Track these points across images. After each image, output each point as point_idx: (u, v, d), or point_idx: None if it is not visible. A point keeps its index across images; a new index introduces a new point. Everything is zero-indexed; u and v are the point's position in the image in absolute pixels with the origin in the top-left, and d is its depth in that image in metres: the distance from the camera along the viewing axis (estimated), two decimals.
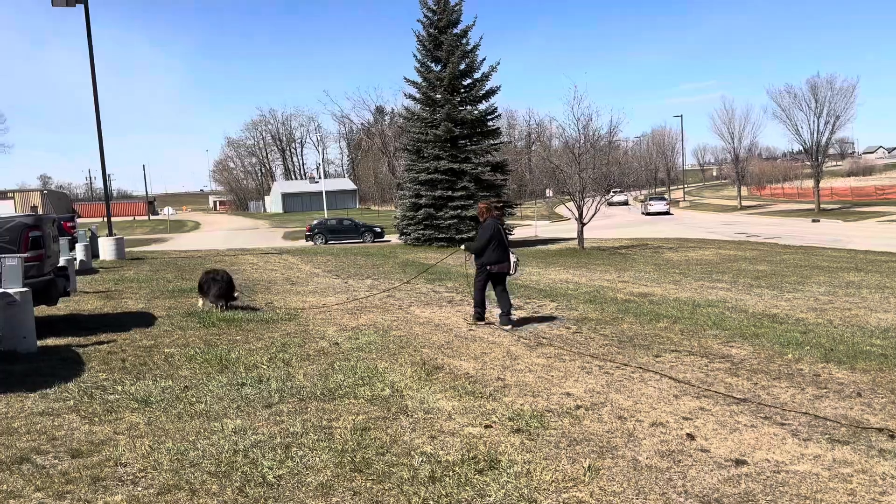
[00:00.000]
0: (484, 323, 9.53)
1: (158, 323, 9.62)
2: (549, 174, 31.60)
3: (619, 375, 6.60)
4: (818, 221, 44.01)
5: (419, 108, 29.96)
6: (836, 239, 29.96)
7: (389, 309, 10.93)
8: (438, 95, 28.87)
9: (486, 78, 28.95)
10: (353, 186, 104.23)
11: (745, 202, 69.88)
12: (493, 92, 29.18)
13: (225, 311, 10.35)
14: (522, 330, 9.07)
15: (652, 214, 58.79)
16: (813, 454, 4.51)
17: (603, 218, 35.20)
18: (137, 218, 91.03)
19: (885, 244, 25.89)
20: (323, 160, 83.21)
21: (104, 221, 25.22)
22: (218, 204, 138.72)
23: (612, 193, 30.60)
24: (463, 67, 28.79)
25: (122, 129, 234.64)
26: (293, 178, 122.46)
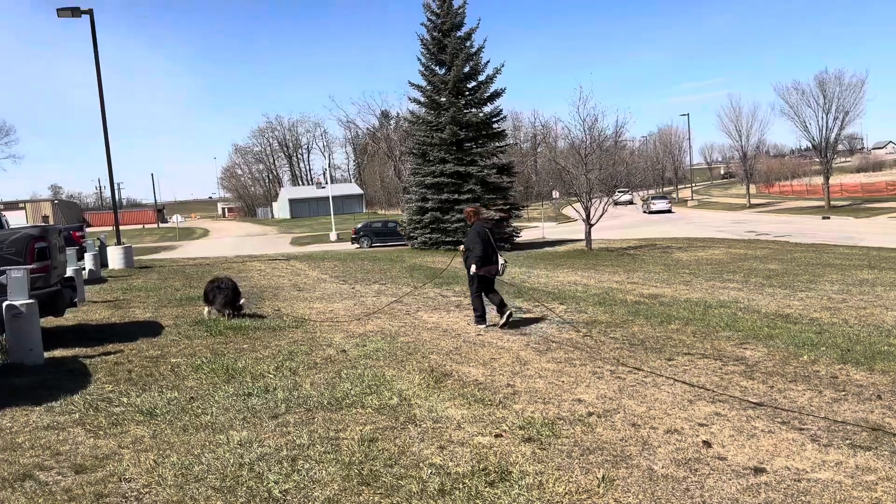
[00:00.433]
0: (487, 325, 9.55)
1: (166, 332, 9.56)
2: (555, 175, 31.50)
3: (631, 380, 6.48)
4: (828, 218, 43.68)
5: (424, 111, 29.92)
6: (847, 236, 29.71)
7: (397, 314, 10.84)
8: (443, 99, 28.80)
9: (490, 80, 28.87)
10: (359, 191, 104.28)
11: (753, 200, 69.49)
12: (497, 94, 29.10)
13: (232, 318, 10.30)
14: (532, 334, 8.96)
15: (654, 213, 60.56)
16: (834, 461, 4.38)
17: (610, 219, 35.03)
18: (147, 226, 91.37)
19: None
20: (329, 165, 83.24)
21: (114, 230, 25.23)
22: (226, 211, 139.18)
23: (618, 194, 30.45)
24: (467, 70, 28.72)
25: (131, 137, 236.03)
26: (300, 183, 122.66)
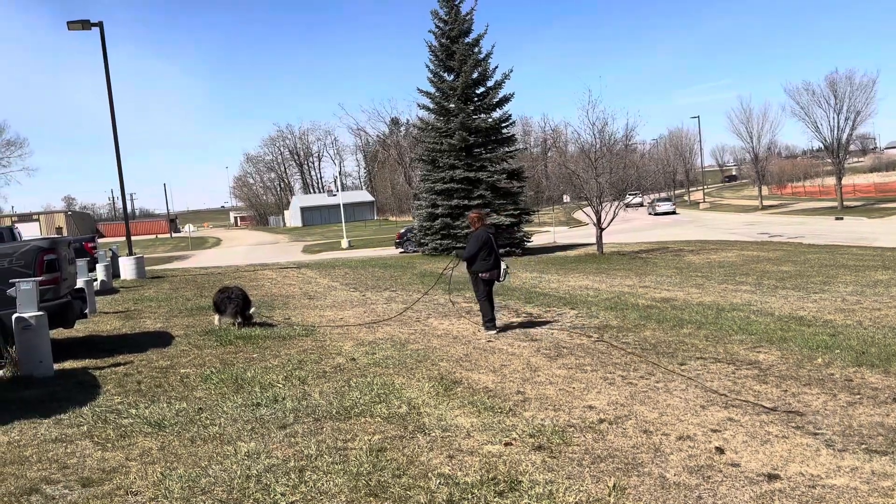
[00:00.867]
0: (498, 330, 9.58)
1: (176, 342, 9.57)
2: (565, 180, 31.37)
3: (643, 386, 6.41)
4: (842, 219, 43.28)
5: (433, 118, 29.90)
6: (861, 237, 29.42)
7: (407, 321, 10.80)
8: (452, 105, 28.79)
9: (499, 86, 28.82)
10: (370, 198, 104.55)
11: (766, 202, 68.99)
12: (506, 99, 29.05)
13: (242, 328, 10.32)
14: (542, 340, 8.89)
15: (659, 214, 62.64)
16: (849, 466, 4.30)
17: (621, 222, 34.86)
18: (160, 236, 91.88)
19: None
20: (340, 173, 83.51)
21: (125, 241, 25.37)
22: (238, 220, 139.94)
23: (629, 197, 30.30)
24: (476, 76, 28.70)
25: (143, 148, 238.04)
26: (311, 191, 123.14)
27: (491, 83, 28.98)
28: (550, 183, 54.78)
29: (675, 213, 65.42)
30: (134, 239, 31.16)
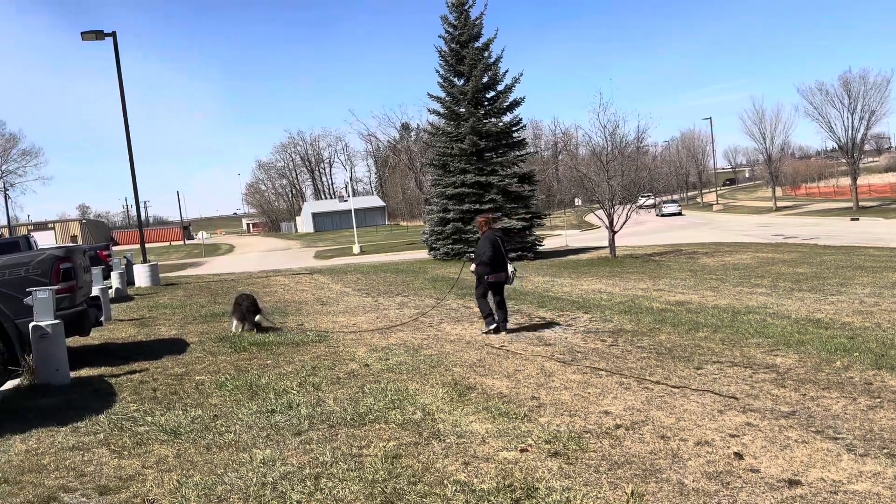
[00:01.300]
0: (494, 329, 9.81)
1: (190, 349, 9.61)
2: (577, 183, 31.30)
3: (659, 391, 6.36)
4: (857, 220, 42.92)
5: (443, 122, 29.89)
6: (877, 237, 29.14)
7: (420, 327, 10.79)
8: (462, 109, 28.78)
9: (509, 90, 28.78)
10: (381, 203, 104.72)
11: (780, 203, 68.58)
12: (517, 103, 29.00)
13: (253, 332, 10.55)
14: (556, 344, 8.85)
15: (665, 215, 65.27)
16: (871, 471, 4.24)
17: (634, 225, 34.71)
18: (173, 243, 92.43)
19: None
20: (351, 179, 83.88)
21: (140, 248, 25.53)
22: (251, 226, 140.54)
23: (642, 199, 30.20)
24: (486, 80, 28.67)
25: (156, 156, 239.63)
26: (323, 197, 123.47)
27: (501, 87, 28.96)
28: (562, 186, 54.71)
29: (680, 213, 68.06)
30: (148, 246, 31.38)
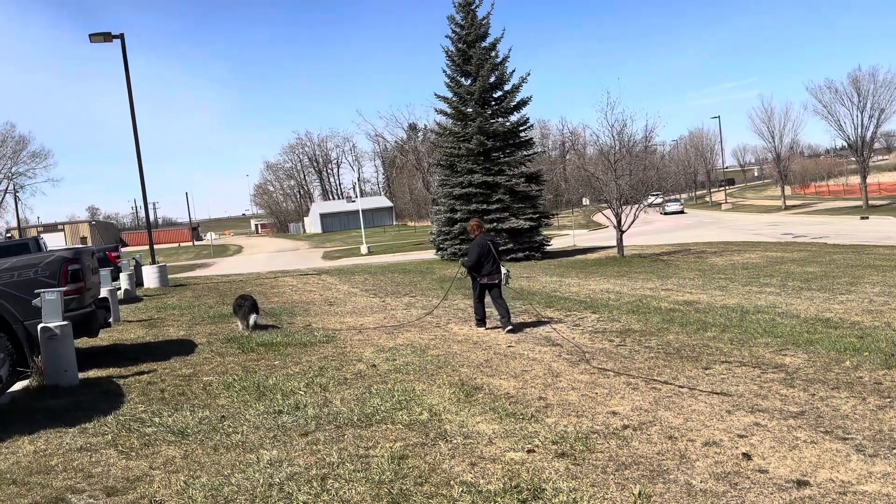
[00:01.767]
0: (485, 328, 10.33)
1: (198, 350, 9.63)
2: (584, 182, 31.23)
3: (667, 391, 6.33)
4: (867, 218, 42.67)
5: (450, 122, 29.89)
6: (887, 236, 28.95)
7: (427, 327, 10.79)
8: (469, 109, 28.77)
9: (516, 89, 28.76)
10: (389, 204, 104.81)
11: (789, 202, 68.26)
12: (524, 103, 28.97)
13: (254, 330, 11.02)
14: (564, 345, 8.83)
15: (669, 214, 68.10)
16: (881, 472, 4.20)
17: (642, 224, 34.63)
18: (182, 244, 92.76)
19: None
20: (359, 179, 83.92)
21: (149, 250, 25.64)
22: (259, 227, 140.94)
23: (651, 198, 30.13)
24: (493, 80, 28.65)
25: (164, 157, 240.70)
26: (331, 198, 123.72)
27: (508, 87, 28.94)
28: (569, 186, 54.63)
29: (682, 212, 71.16)
30: (157, 247, 31.50)
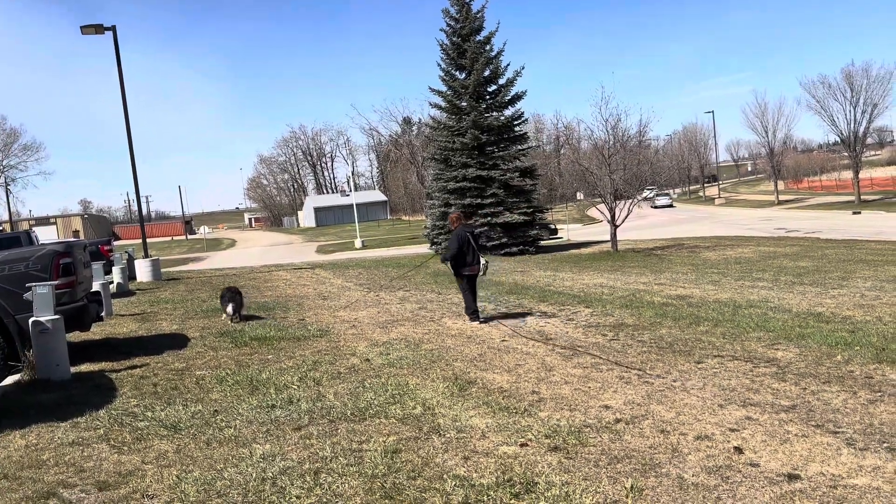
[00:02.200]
0: (482, 321, 10.39)
1: (191, 344, 9.61)
2: (578, 177, 31.22)
3: (659, 385, 6.35)
4: (859, 213, 42.84)
5: (445, 116, 29.84)
6: (879, 231, 29.08)
7: (421, 321, 10.79)
8: (464, 103, 28.73)
9: (510, 83, 28.73)
10: (383, 198, 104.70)
11: (782, 196, 68.50)
12: (518, 97, 28.95)
13: (239, 320, 11.53)
14: (557, 339, 8.84)
15: (658, 208, 69.57)
16: (871, 466, 4.23)
17: (636, 219, 34.69)
18: (175, 238, 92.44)
19: None
20: (353, 173, 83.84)
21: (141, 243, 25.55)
22: (253, 221, 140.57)
23: (646, 192, 30.23)
24: (487, 74, 28.62)
25: (158, 151, 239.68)
26: (325, 192, 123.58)
27: (503, 81, 28.90)
28: (563, 180, 54.58)
29: (672, 206, 72.91)
30: (150, 241, 31.41)
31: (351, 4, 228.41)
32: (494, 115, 28.79)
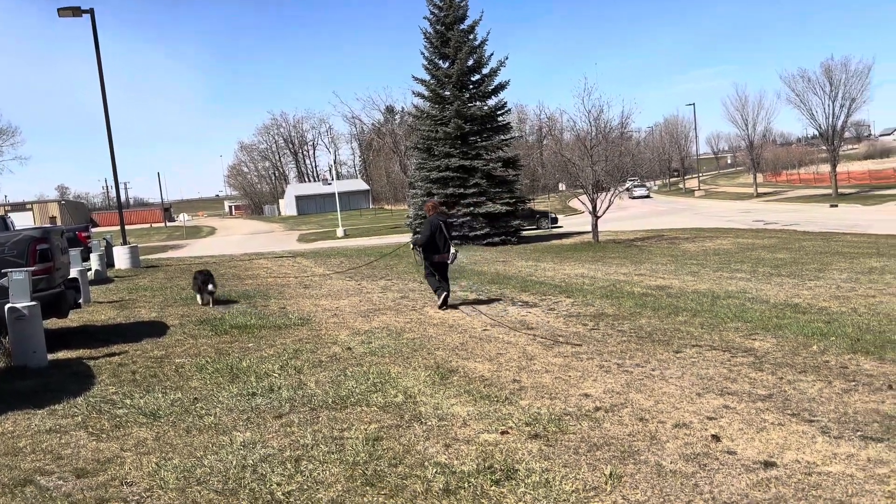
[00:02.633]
0: (443, 300, 10.68)
1: (171, 332, 9.54)
2: (561, 168, 31.35)
3: (639, 374, 6.41)
4: (836, 206, 43.38)
5: (428, 105, 29.75)
6: (855, 224, 29.48)
7: (402, 310, 10.79)
8: (447, 92, 28.66)
9: (494, 73, 28.71)
10: (365, 187, 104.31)
11: (760, 189, 69.13)
12: (502, 87, 28.93)
13: (210, 304, 11.89)
14: (538, 328, 8.89)
15: (636, 198, 70.86)
16: (845, 453, 4.30)
17: (617, 210, 34.88)
18: (154, 225, 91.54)
19: None
20: (335, 161, 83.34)
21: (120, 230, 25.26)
22: (233, 209, 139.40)
23: (629, 183, 30.43)
24: (471, 63, 28.56)
25: (136, 137, 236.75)
26: (306, 180, 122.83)
27: (486, 70, 28.87)
28: (546, 171, 54.77)
29: (649, 196, 74.90)
30: (128, 228, 31.09)
31: None
32: (478, 104, 28.76)
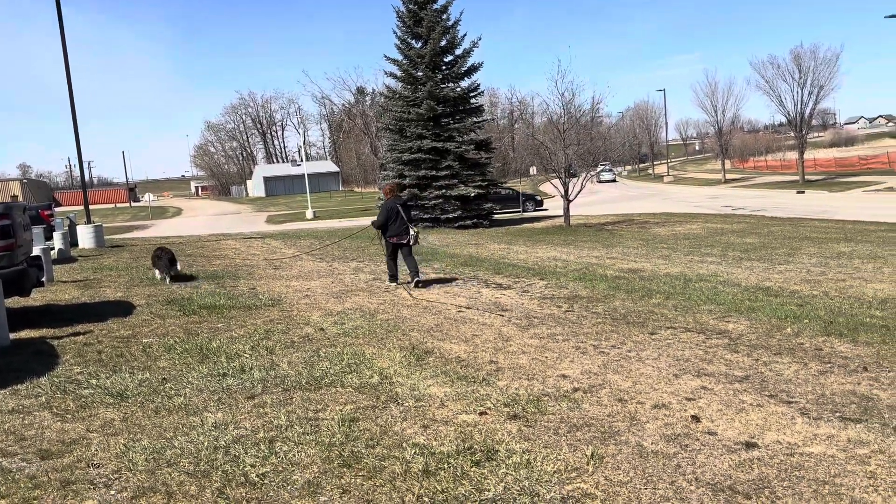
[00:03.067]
0: (396, 285, 11.10)
1: (137, 312, 9.29)
2: (532, 151, 31.31)
3: (615, 355, 6.38)
4: (803, 193, 44.07)
5: (400, 86, 29.46)
6: (822, 209, 29.96)
7: (375, 292, 10.66)
8: (420, 73, 28.40)
9: (467, 54, 28.50)
10: (335, 168, 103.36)
11: (728, 175, 69.96)
12: (475, 69, 28.74)
13: (169, 281, 11.98)
14: (513, 310, 8.83)
15: (603, 182, 70.65)
16: (826, 434, 4.30)
17: (588, 195, 34.97)
18: (119, 205, 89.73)
19: (871, 214, 25.88)
20: (304, 143, 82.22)
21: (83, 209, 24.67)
22: (200, 189, 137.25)
23: (600, 167, 30.55)
24: (444, 44, 28.30)
25: (101, 116, 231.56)
26: (275, 161, 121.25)
27: (459, 51, 28.65)
28: (517, 155, 54.72)
29: (615, 181, 75.96)
30: (92, 208, 30.37)
31: None
32: (451, 86, 28.55)
